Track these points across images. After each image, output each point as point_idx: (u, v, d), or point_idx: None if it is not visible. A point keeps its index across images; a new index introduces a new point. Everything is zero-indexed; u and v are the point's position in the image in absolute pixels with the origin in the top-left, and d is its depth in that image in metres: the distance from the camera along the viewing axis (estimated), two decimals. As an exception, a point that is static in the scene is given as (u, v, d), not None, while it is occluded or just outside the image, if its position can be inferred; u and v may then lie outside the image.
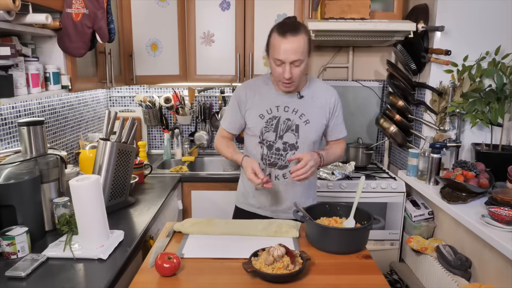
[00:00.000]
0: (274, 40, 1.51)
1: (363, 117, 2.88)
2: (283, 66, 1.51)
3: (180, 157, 2.82)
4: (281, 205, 1.72)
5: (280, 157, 1.66)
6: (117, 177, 1.71)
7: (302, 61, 1.51)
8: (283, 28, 1.49)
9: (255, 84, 1.70)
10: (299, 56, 1.49)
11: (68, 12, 1.59)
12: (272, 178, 1.68)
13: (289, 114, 1.64)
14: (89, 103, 2.60)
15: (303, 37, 1.49)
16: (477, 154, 2.12)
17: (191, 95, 2.84)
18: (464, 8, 2.20)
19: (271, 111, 1.65)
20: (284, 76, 1.51)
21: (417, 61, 2.38)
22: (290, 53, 1.47)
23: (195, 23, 2.50)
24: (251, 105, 1.67)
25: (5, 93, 1.33)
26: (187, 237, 1.44)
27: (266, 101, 1.66)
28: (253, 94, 1.67)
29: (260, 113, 1.65)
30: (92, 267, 1.23)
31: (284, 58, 1.49)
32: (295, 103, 1.64)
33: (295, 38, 1.47)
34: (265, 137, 1.65)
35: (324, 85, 1.73)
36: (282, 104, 1.64)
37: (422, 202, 2.38)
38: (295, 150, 1.65)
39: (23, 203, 1.36)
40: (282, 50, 1.48)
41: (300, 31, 1.49)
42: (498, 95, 2.01)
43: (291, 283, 1.15)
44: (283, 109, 1.64)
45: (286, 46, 1.47)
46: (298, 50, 1.48)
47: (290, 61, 1.49)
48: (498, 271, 1.65)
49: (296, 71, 1.52)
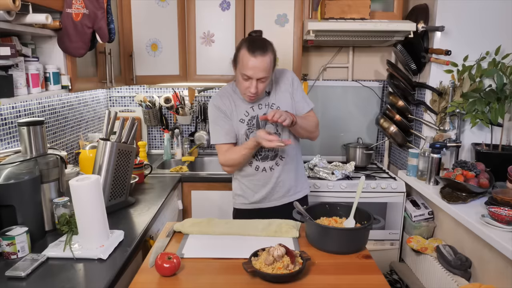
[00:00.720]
0: (243, 57, 1.61)
1: (363, 117, 2.88)
2: (250, 82, 1.62)
3: (180, 157, 2.82)
4: (280, 191, 1.82)
5: (268, 149, 1.76)
6: (117, 177, 1.71)
7: (267, 78, 1.64)
8: (253, 46, 1.60)
9: (226, 94, 1.80)
10: (266, 74, 1.61)
11: (68, 12, 1.59)
12: (267, 170, 1.78)
13: (264, 109, 1.76)
14: (89, 103, 2.60)
15: (270, 56, 1.62)
16: (477, 154, 2.12)
17: (191, 95, 2.84)
18: (464, 8, 2.20)
19: (248, 113, 1.76)
20: (251, 91, 1.64)
21: (417, 61, 2.38)
22: (258, 70, 1.59)
23: (195, 23, 2.50)
24: (231, 112, 1.77)
25: (5, 93, 1.32)
26: (187, 237, 1.44)
27: (241, 106, 1.77)
28: (229, 102, 1.78)
29: (239, 118, 1.77)
30: (92, 267, 1.23)
31: (252, 75, 1.60)
32: (265, 99, 1.77)
33: (263, 57, 1.59)
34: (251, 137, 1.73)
35: (280, 71, 1.83)
36: (255, 104, 1.77)
37: (422, 202, 2.38)
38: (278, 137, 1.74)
39: (23, 203, 1.36)
40: (251, 67, 1.58)
41: (268, 50, 1.61)
42: (498, 95, 2.01)
43: (291, 283, 1.15)
44: (257, 107, 1.77)
45: (254, 64, 1.58)
46: (265, 69, 1.60)
47: (258, 78, 1.60)
48: (498, 271, 1.65)
49: (261, 86, 1.65)
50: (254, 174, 1.80)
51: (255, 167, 1.79)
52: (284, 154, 1.79)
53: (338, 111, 2.87)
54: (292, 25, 2.47)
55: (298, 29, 2.47)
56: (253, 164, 1.78)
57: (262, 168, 1.78)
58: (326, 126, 2.86)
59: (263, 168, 1.78)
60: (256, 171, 1.79)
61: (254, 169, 1.79)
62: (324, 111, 2.85)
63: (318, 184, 2.37)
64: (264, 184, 1.81)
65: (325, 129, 2.86)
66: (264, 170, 1.79)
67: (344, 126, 2.89)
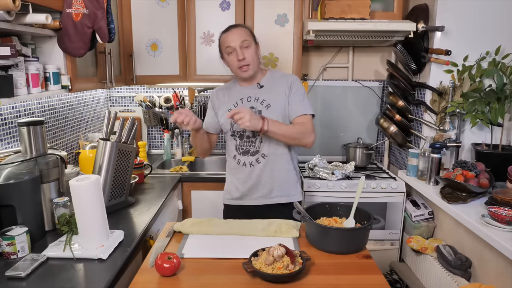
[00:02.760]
0: (222, 39, 1.78)
1: (363, 117, 2.88)
2: (235, 52, 1.73)
3: (180, 157, 2.82)
4: (261, 191, 1.82)
5: (251, 144, 1.80)
6: (117, 177, 1.71)
7: (250, 43, 1.74)
8: (226, 28, 1.79)
9: (225, 87, 1.91)
10: (245, 37, 1.73)
11: (68, 12, 1.59)
12: (247, 165, 1.81)
13: (252, 103, 1.79)
14: (89, 103, 2.60)
15: (242, 28, 1.77)
16: (477, 154, 2.12)
17: (191, 95, 2.84)
18: (464, 8, 2.19)
19: (237, 104, 1.81)
20: (238, 58, 1.72)
21: (417, 61, 2.38)
22: (236, 38, 1.72)
23: (195, 23, 2.50)
24: (221, 104, 1.86)
25: (5, 93, 1.32)
26: (187, 237, 1.44)
27: (232, 97, 1.84)
28: (223, 95, 1.88)
29: (228, 108, 1.80)
30: (92, 267, 1.23)
31: (233, 44, 1.72)
32: (256, 92, 1.81)
33: (237, 29, 1.76)
34: (235, 129, 1.80)
35: (286, 74, 1.89)
36: (245, 96, 1.81)
37: (422, 202, 2.38)
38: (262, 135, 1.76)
39: (23, 203, 1.36)
40: (229, 39, 1.73)
41: (239, 25, 1.79)
42: (498, 95, 2.01)
43: (291, 283, 1.15)
44: (246, 100, 1.81)
45: (231, 35, 1.74)
46: (243, 35, 1.73)
47: (239, 43, 1.71)
48: (498, 271, 1.65)
49: (248, 52, 1.73)
50: (236, 167, 1.84)
51: (237, 161, 1.83)
52: (266, 152, 1.78)
53: (338, 111, 2.87)
54: (292, 25, 2.47)
55: (298, 29, 2.47)
56: (236, 158, 1.83)
57: (243, 163, 1.81)
58: (326, 126, 2.86)
59: (244, 162, 1.81)
60: (238, 165, 1.82)
61: (236, 162, 1.83)
62: (324, 111, 2.85)
63: (318, 184, 2.37)
64: (245, 180, 1.82)
65: (325, 129, 2.86)
66: (245, 165, 1.81)
67: (344, 126, 2.89)
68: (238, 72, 1.77)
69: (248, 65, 1.74)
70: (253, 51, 1.75)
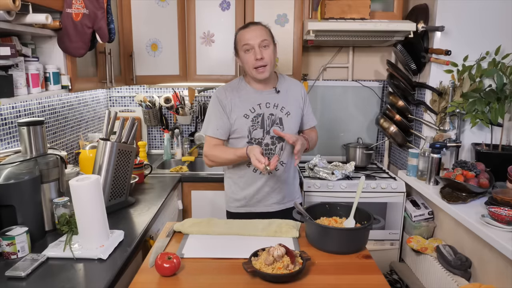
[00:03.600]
0: (239, 36, 1.70)
1: (363, 117, 2.88)
2: (253, 51, 1.65)
3: (180, 157, 2.82)
4: (275, 197, 1.81)
5: (270, 152, 1.75)
6: (117, 177, 1.71)
7: (269, 43, 1.67)
8: (244, 24, 1.73)
9: (232, 87, 1.79)
10: (265, 37, 1.66)
11: (68, 12, 1.59)
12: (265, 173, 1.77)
13: (271, 109, 1.74)
14: (89, 103, 2.60)
15: (262, 27, 1.69)
16: (477, 154, 2.12)
17: (191, 95, 2.84)
18: (464, 8, 2.19)
19: (254, 110, 1.73)
20: (257, 57, 1.64)
21: (417, 61, 2.38)
22: (255, 36, 1.65)
23: (195, 23, 2.50)
24: (233, 107, 1.73)
25: (5, 93, 1.33)
26: (187, 237, 1.44)
27: (247, 101, 1.74)
28: (233, 97, 1.74)
29: (244, 113, 1.73)
30: (92, 267, 1.23)
31: (251, 42, 1.64)
32: (274, 98, 1.75)
33: (257, 26, 1.68)
34: (253, 136, 1.73)
35: (292, 79, 1.88)
36: (263, 101, 1.74)
37: (422, 202, 2.38)
38: (282, 143, 1.74)
39: (23, 203, 1.36)
40: (248, 37, 1.66)
41: (261, 24, 1.71)
42: (498, 95, 2.01)
43: (291, 283, 1.15)
44: (265, 106, 1.74)
45: (250, 33, 1.66)
46: (263, 34, 1.66)
47: (258, 42, 1.64)
48: (498, 271, 1.65)
49: (266, 52, 1.66)
50: (251, 176, 1.78)
51: (253, 169, 1.76)
52: (285, 160, 1.77)
53: (338, 111, 2.87)
54: (292, 25, 2.47)
55: (298, 29, 2.47)
56: (251, 166, 1.74)
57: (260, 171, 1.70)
58: (326, 126, 2.86)
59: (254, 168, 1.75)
60: (254, 173, 1.77)
61: (252, 170, 1.77)
62: (324, 111, 2.85)
63: (318, 184, 2.37)
64: (261, 187, 1.78)
65: (325, 129, 2.86)
66: (262, 173, 1.74)
67: (344, 126, 2.89)
68: (253, 72, 1.68)
69: (266, 65, 1.66)
70: (272, 51, 1.67)
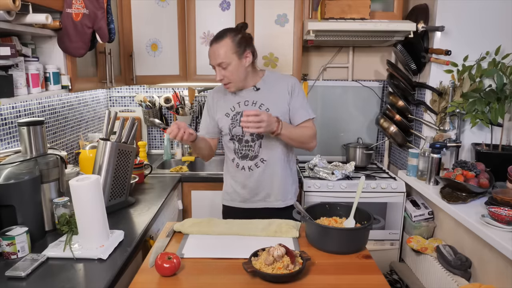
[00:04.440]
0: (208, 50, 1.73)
1: (363, 117, 2.88)
2: (215, 70, 1.70)
3: (180, 157, 2.82)
4: (260, 195, 1.82)
5: (250, 148, 1.77)
6: (117, 177, 1.71)
7: (228, 64, 1.66)
8: (212, 38, 1.70)
9: (219, 89, 1.86)
10: (222, 60, 1.65)
11: (68, 12, 1.59)
12: (246, 169, 1.79)
13: (249, 107, 1.76)
14: (89, 103, 2.60)
15: (226, 41, 1.65)
16: (477, 154, 2.12)
17: (191, 95, 2.84)
18: (464, 8, 2.19)
19: (234, 108, 1.78)
20: (216, 79, 1.70)
21: (417, 61, 2.38)
22: (213, 57, 1.68)
23: (195, 23, 2.50)
24: (217, 107, 1.82)
25: (5, 93, 1.33)
26: (187, 237, 1.44)
27: (229, 101, 1.80)
28: (219, 98, 1.83)
29: (225, 112, 1.79)
30: (92, 267, 1.23)
31: (212, 62, 1.70)
32: (253, 96, 1.77)
33: (218, 44, 1.66)
34: (234, 133, 1.77)
35: (283, 75, 1.87)
36: (242, 100, 1.78)
37: (422, 202, 2.38)
38: (261, 139, 1.75)
39: (23, 203, 1.36)
40: (210, 55, 1.70)
41: (224, 37, 1.66)
42: (498, 95, 2.01)
43: (291, 283, 1.15)
44: (243, 104, 1.77)
45: (210, 52, 1.70)
46: (220, 55, 1.65)
47: (216, 64, 1.68)
48: (498, 271, 1.65)
49: (226, 73, 1.68)
50: (235, 170, 1.82)
51: (236, 164, 1.81)
52: (265, 157, 1.77)
53: (338, 111, 2.87)
54: (292, 25, 2.47)
55: (298, 29, 2.47)
56: (235, 161, 1.81)
57: (242, 167, 1.79)
58: (326, 126, 2.86)
59: (242, 166, 1.79)
60: (237, 168, 1.81)
61: (235, 166, 1.81)
62: (324, 111, 2.85)
63: (318, 184, 2.37)
64: (244, 183, 1.81)
65: (325, 129, 2.86)
66: (244, 169, 1.79)
67: (344, 126, 2.89)
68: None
69: (229, 83, 1.71)
70: (234, 68, 1.66)
